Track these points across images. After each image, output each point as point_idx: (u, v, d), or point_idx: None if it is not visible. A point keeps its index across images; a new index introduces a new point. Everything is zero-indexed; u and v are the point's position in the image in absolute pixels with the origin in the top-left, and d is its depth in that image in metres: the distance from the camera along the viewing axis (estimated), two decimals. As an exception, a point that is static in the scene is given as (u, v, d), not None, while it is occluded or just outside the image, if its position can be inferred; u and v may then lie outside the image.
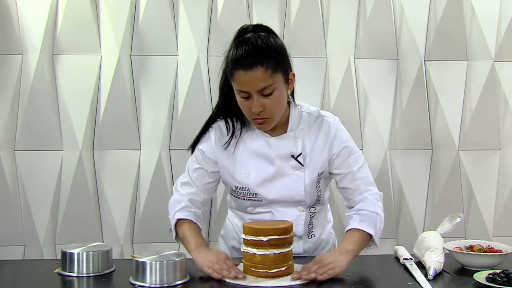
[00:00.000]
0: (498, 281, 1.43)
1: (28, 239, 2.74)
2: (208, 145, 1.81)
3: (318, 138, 1.79)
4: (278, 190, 1.76)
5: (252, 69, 1.61)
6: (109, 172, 2.78)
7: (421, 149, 2.93)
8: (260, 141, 1.78)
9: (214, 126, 1.83)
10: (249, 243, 1.54)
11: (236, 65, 1.63)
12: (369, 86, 2.91)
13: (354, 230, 1.71)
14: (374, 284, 1.56)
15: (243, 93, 1.65)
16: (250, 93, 1.64)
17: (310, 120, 1.82)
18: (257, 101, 1.65)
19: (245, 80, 1.62)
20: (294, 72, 1.74)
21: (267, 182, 1.76)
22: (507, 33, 2.91)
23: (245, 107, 1.68)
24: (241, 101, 1.68)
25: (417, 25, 2.90)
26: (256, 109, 1.65)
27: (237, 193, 1.81)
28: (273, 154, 1.76)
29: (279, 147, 1.77)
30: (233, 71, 1.64)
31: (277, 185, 1.76)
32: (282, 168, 1.76)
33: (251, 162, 1.77)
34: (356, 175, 1.80)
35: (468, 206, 2.96)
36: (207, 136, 1.83)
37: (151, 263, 1.47)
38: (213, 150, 1.80)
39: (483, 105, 2.92)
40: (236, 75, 1.63)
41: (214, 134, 1.81)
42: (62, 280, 1.54)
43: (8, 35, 2.72)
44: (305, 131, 1.79)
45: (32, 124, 2.73)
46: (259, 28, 1.73)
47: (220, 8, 2.80)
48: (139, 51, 2.79)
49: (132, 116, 2.79)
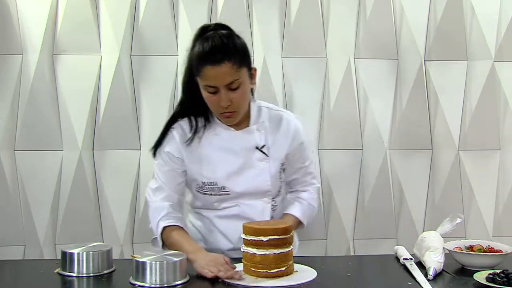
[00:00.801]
0: (498, 281, 1.43)
1: (28, 239, 2.74)
2: (174, 144, 1.85)
3: (279, 131, 1.88)
4: (245, 182, 1.83)
5: (220, 64, 1.67)
6: (109, 172, 2.78)
7: (421, 149, 2.93)
8: (225, 135, 1.84)
9: (175, 126, 1.87)
10: (249, 243, 1.54)
11: (203, 61, 1.69)
12: (369, 86, 2.91)
13: (293, 216, 1.90)
14: (374, 284, 1.56)
15: (211, 88, 1.71)
16: (218, 88, 1.70)
17: (270, 114, 1.90)
18: (225, 95, 1.71)
19: (213, 75, 1.68)
20: (256, 67, 1.82)
21: (234, 175, 1.82)
22: (507, 33, 2.91)
23: (213, 102, 1.74)
24: (208, 96, 1.74)
25: (417, 25, 2.90)
26: (224, 103, 1.72)
27: (204, 189, 1.84)
28: (238, 147, 1.83)
29: (244, 140, 1.84)
30: (201, 67, 1.69)
31: (244, 177, 1.82)
32: (248, 160, 1.83)
33: (217, 156, 1.83)
34: (307, 169, 1.96)
35: (468, 206, 2.96)
36: (170, 136, 1.86)
37: (151, 263, 1.47)
38: (180, 149, 1.84)
39: (483, 105, 2.92)
40: (204, 70, 1.69)
41: (177, 133, 1.85)
42: (62, 280, 1.54)
43: (8, 35, 2.72)
44: (266, 124, 1.88)
45: (32, 124, 2.73)
46: (220, 26, 1.80)
47: (220, 8, 2.80)
48: (139, 51, 2.79)
49: (132, 116, 2.79)
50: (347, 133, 2.89)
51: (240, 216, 1.83)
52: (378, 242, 2.88)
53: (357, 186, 2.91)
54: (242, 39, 1.78)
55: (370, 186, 2.90)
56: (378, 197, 2.90)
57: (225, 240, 1.87)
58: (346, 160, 2.89)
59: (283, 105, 2.83)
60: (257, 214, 1.84)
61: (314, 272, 1.57)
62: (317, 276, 1.54)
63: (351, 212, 2.91)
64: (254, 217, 1.83)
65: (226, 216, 1.86)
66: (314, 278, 1.53)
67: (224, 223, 1.86)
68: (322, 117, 2.88)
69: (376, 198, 2.90)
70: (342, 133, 2.88)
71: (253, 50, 2.82)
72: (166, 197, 1.83)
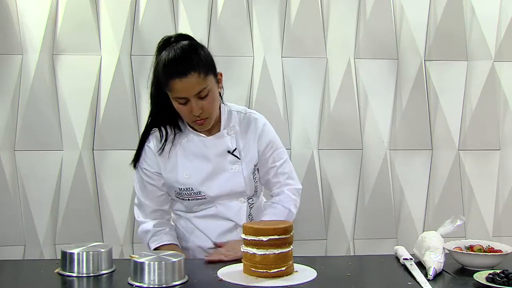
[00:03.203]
0: (498, 281, 1.43)
1: (28, 239, 2.74)
2: (150, 159, 1.90)
3: (248, 133, 1.93)
4: (219, 185, 1.87)
5: (186, 76, 1.72)
6: (109, 172, 2.78)
7: (421, 149, 2.93)
8: (197, 142, 1.89)
9: (149, 138, 1.91)
10: (249, 243, 1.54)
11: (170, 75, 1.73)
12: (369, 86, 2.91)
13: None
14: (374, 284, 1.56)
15: (181, 99, 1.76)
16: (188, 98, 1.74)
17: (240, 117, 1.95)
18: (195, 104, 1.75)
19: (181, 87, 1.73)
20: (221, 72, 1.86)
21: (208, 180, 1.87)
22: (507, 33, 2.91)
23: (184, 111, 1.79)
24: (179, 107, 1.78)
25: (417, 25, 2.90)
26: (196, 112, 1.76)
27: (181, 194, 1.89)
28: (210, 153, 1.88)
29: (215, 145, 1.89)
30: (168, 80, 1.74)
31: (218, 180, 1.87)
32: (220, 164, 1.88)
33: (190, 163, 1.87)
34: (278, 170, 1.95)
35: (468, 206, 2.96)
36: (146, 149, 1.90)
37: (149, 263, 1.46)
38: (156, 162, 1.89)
39: (483, 105, 2.92)
40: (172, 84, 1.73)
41: (152, 144, 1.89)
42: (62, 280, 1.54)
43: (8, 35, 2.72)
44: (236, 128, 1.92)
45: (32, 124, 2.73)
46: (181, 37, 1.85)
47: (220, 8, 2.80)
48: (139, 51, 2.79)
49: (132, 116, 2.79)
50: (347, 133, 2.89)
51: (218, 216, 1.91)
52: (378, 242, 2.88)
53: (357, 186, 2.91)
54: (205, 47, 1.83)
55: (370, 186, 2.90)
56: (378, 197, 2.90)
57: (205, 238, 1.92)
58: (346, 160, 2.89)
59: (283, 104, 2.83)
60: (234, 213, 1.91)
61: (314, 272, 1.57)
62: (317, 276, 1.54)
63: (351, 212, 2.91)
64: (231, 217, 1.91)
65: (204, 216, 1.92)
66: (314, 278, 1.53)
67: (203, 222, 1.92)
68: (322, 117, 2.88)
69: (376, 198, 2.90)
70: (342, 133, 2.88)
71: (253, 50, 2.82)
72: (149, 214, 1.92)
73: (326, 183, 2.87)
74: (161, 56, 1.78)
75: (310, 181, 2.83)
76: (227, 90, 2.79)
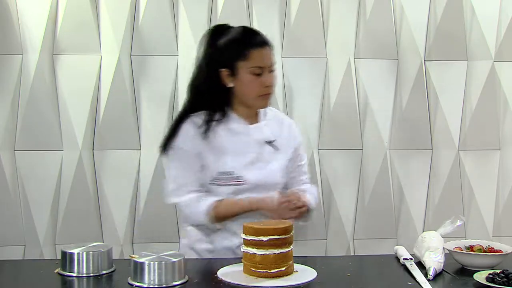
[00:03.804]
0: (498, 281, 1.43)
1: (28, 239, 2.74)
2: (190, 140, 1.88)
3: (283, 129, 2.00)
4: (260, 173, 1.90)
5: (265, 47, 1.87)
6: (109, 172, 2.78)
7: (421, 149, 2.93)
8: (240, 128, 1.92)
9: (188, 121, 1.90)
10: (249, 243, 1.54)
11: (250, 44, 1.85)
12: (369, 86, 2.91)
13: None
14: (374, 284, 1.56)
15: (258, 69, 1.84)
16: (263, 69, 1.85)
17: (272, 113, 2.03)
18: (268, 76, 1.87)
19: (262, 55, 1.85)
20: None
21: (250, 165, 1.89)
22: (507, 33, 2.91)
23: (255, 84, 1.85)
24: (252, 79, 1.85)
25: (417, 25, 2.90)
26: (270, 81, 1.87)
27: (219, 179, 1.87)
28: (252, 141, 1.92)
29: (257, 133, 1.93)
30: (247, 50, 1.84)
31: (259, 168, 1.90)
32: (261, 153, 1.92)
33: (233, 148, 1.89)
34: (302, 168, 2.06)
35: (468, 206, 2.96)
36: (186, 131, 1.89)
37: (149, 263, 1.46)
38: (197, 142, 1.87)
39: (483, 105, 2.92)
40: (252, 53, 1.84)
41: (191, 127, 1.89)
42: (62, 280, 1.54)
43: (8, 35, 2.72)
44: (272, 122, 1.99)
45: (32, 124, 2.73)
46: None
47: (220, 8, 2.80)
48: (139, 51, 2.79)
49: (132, 116, 2.79)
50: (347, 133, 2.89)
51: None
52: (378, 242, 2.88)
53: (357, 186, 2.91)
54: None
55: (370, 186, 2.90)
56: (378, 197, 2.90)
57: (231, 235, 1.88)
58: (346, 160, 2.89)
59: (283, 104, 2.83)
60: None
61: (314, 272, 1.57)
62: (317, 276, 1.54)
63: (351, 212, 2.91)
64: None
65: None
66: (314, 278, 1.53)
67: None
68: (322, 117, 2.88)
69: (376, 198, 2.90)
70: (342, 133, 2.88)
71: (253, 50, 2.82)
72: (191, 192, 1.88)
73: (326, 183, 2.87)
74: (231, 34, 1.88)
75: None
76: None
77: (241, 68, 1.85)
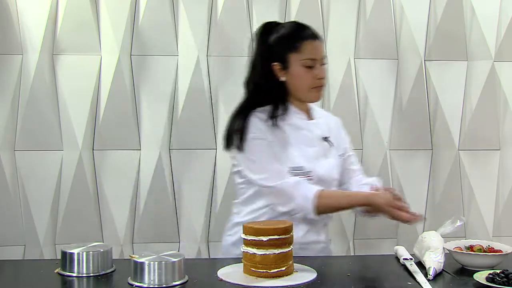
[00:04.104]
0: (498, 281, 1.43)
1: (28, 239, 2.74)
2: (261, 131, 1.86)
3: (332, 126, 2.03)
4: (324, 168, 1.92)
5: (317, 40, 1.92)
6: (109, 172, 2.78)
7: (421, 149, 2.93)
8: (302, 124, 1.95)
9: (253, 116, 1.89)
10: (249, 243, 1.54)
11: (304, 37, 1.89)
12: (369, 86, 2.91)
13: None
14: (374, 284, 1.56)
15: (310, 61, 1.88)
16: (315, 61, 1.89)
17: (318, 110, 2.07)
18: (320, 69, 1.90)
19: (314, 47, 1.90)
20: None
21: (315, 160, 1.91)
22: (507, 33, 2.91)
23: (308, 76, 1.89)
24: (304, 72, 1.88)
25: (417, 25, 2.90)
26: (322, 73, 1.91)
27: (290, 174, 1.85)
28: (313, 136, 1.95)
29: (316, 129, 1.96)
30: (300, 43, 1.88)
31: (322, 163, 1.92)
32: (321, 149, 1.95)
33: (299, 143, 1.91)
34: (354, 158, 2.11)
35: (468, 206, 2.95)
36: (253, 124, 1.87)
37: (149, 263, 1.46)
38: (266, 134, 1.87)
39: (483, 105, 2.92)
40: (305, 45, 1.88)
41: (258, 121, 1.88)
42: (62, 280, 1.54)
43: (8, 35, 2.71)
44: (323, 118, 2.03)
45: (32, 124, 2.73)
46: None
47: (220, 8, 2.80)
48: (139, 51, 2.79)
49: (132, 116, 2.79)
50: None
51: None
52: (378, 242, 2.88)
53: (357, 186, 2.91)
54: None
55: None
56: (378, 197, 2.90)
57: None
58: (346, 160, 2.89)
59: (283, 105, 2.83)
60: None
61: (314, 272, 1.57)
62: (317, 276, 1.54)
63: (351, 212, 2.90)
64: None
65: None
66: (314, 278, 1.53)
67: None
68: (322, 117, 2.88)
69: (376, 198, 2.89)
70: (342, 133, 2.88)
71: (253, 50, 2.82)
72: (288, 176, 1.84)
73: (326, 183, 2.87)
74: (282, 29, 1.92)
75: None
76: (227, 90, 2.81)
77: (293, 61, 1.89)
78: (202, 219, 2.81)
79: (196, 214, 2.81)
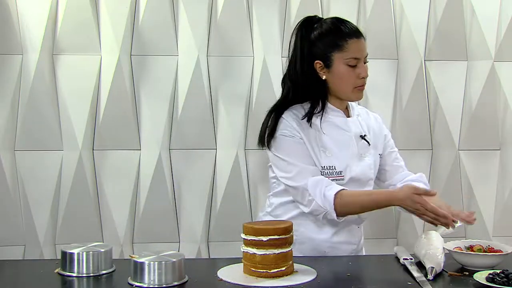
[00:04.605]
0: (498, 281, 1.43)
1: (28, 239, 2.74)
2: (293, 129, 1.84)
3: (370, 124, 1.99)
4: (358, 168, 1.88)
5: (361, 38, 1.87)
6: (109, 172, 2.78)
7: (421, 149, 2.93)
8: (340, 122, 1.91)
9: (287, 113, 1.87)
10: (249, 243, 1.54)
11: (348, 36, 1.84)
12: (369, 86, 2.88)
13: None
14: (374, 284, 1.56)
15: (354, 60, 1.84)
16: (359, 60, 1.85)
17: (358, 108, 2.02)
18: (363, 67, 1.86)
19: (358, 46, 1.85)
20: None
21: (349, 160, 1.87)
22: (507, 33, 2.91)
23: (351, 75, 1.85)
24: (347, 71, 1.85)
25: (417, 25, 2.90)
26: (365, 72, 1.87)
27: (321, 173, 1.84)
28: (351, 134, 1.91)
29: (354, 127, 1.93)
30: (344, 41, 1.84)
31: (357, 163, 1.89)
32: (358, 147, 1.91)
33: (335, 141, 1.87)
34: (397, 154, 2.06)
35: (468, 206, 2.95)
36: (286, 122, 1.85)
37: (149, 263, 1.46)
38: (298, 132, 1.84)
39: (483, 105, 2.92)
40: (350, 43, 1.84)
41: (292, 119, 1.86)
42: (62, 280, 1.54)
43: (8, 35, 2.71)
44: (361, 116, 1.99)
45: (32, 124, 2.73)
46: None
47: (220, 8, 2.80)
48: (139, 51, 2.79)
49: (132, 116, 2.79)
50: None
51: None
52: (378, 242, 2.88)
53: (357, 186, 2.91)
54: None
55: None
56: (378, 197, 2.90)
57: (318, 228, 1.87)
58: (346, 160, 2.89)
59: (283, 105, 2.83)
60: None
61: (314, 272, 1.57)
62: (317, 276, 1.54)
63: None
64: None
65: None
66: (314, 278, 1.53)
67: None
68: (322, 117, 2.87)
69: (376, 198, 2.89)
70: (342, 133, 2.88)
71: (253, 50, 2.82)
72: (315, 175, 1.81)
73: (326, 183, 2.87)
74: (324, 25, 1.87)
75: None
76: (227, 90, 2.81)
77: (336, 60, 1.85)
78: (202, 219, 2.81)
79: (196, 214, 2.81)
